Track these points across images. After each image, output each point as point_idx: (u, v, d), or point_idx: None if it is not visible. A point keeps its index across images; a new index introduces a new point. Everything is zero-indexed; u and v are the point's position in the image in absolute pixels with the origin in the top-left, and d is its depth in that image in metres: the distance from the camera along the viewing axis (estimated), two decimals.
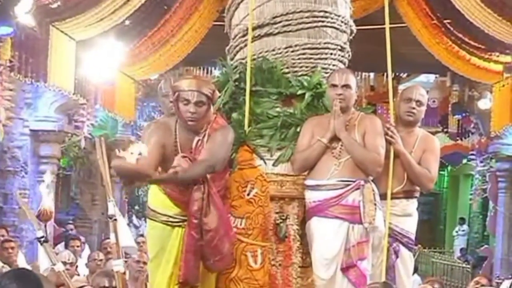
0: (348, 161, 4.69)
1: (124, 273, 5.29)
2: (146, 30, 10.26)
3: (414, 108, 5.00)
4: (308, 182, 4.83)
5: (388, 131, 4.87)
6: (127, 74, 11.49)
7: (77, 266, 8.00)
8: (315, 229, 4.75)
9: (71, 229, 10.42)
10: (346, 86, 4.80)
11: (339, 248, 4.64)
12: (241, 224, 4.67)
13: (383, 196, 4.79)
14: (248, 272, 4.66)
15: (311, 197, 4.78)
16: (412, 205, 5.04)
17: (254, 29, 5.41)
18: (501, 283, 9.70)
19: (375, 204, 4.61)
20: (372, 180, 4.77)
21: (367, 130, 4.74)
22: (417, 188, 5.05)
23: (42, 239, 3.96)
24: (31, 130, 9.44)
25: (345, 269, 4.62)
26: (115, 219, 4.06)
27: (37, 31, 7.98)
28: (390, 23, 5.24)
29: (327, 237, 4.70)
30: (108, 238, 8.35)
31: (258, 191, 4.74)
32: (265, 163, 5.03)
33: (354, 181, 4.64)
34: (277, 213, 5.05)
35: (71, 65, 9.06)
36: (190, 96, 4.40)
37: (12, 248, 7.37)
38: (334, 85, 4.81)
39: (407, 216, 5.01)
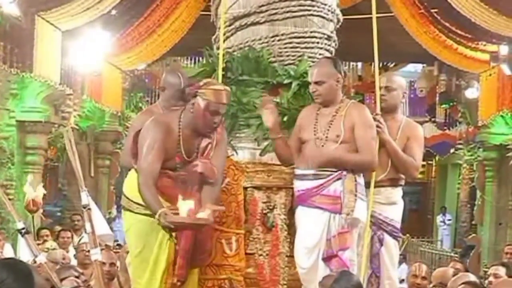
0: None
1: (104, 263, 5.27)
2: (132, 20, 10.23)
3: (383, 95, 4.95)
4: (295, 171, 4.82)
5: (375, 121, 4.84)
6: (114, 64, 11.45)
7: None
8: (299, 218, 4.74)
9: (78, 220, 10.28)
10: (318, 82, 4.69)
11: (319, 238, 4.61)
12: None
13: (367, 184, 4.78)
14: (223, 259, 4.68)
15: (297, 186, 4.75)
16: (396, 193, 5.02)
17: (240, 18, 5.40)
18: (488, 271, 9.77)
19: (355, 195, 4.57)
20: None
21: (356, 123, 4.64)
22: (402, 176, 5.03)
23: (23, 231, 3.89)
24: (17, 121, 9.37)
25: (326, 259, 4.60)
26: (89, 209, 4.04)
27: (22, 21, 7.93)
28: (378, 13, 5.20)
29: (308, 226, 4.68)
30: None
31: (230, 180, 4.73)
32: (236, 153, 5.02)
33: (336, 171, 4.61)
34: (264, 202, 5.06)
35: (57, 55, 9.02)
36: (222, 109, 4.34)
37: None
38: (310, 83, 4.79)
39: (391, 205, 4.98)
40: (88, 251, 7.32)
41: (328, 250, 4.58)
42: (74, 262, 7.57)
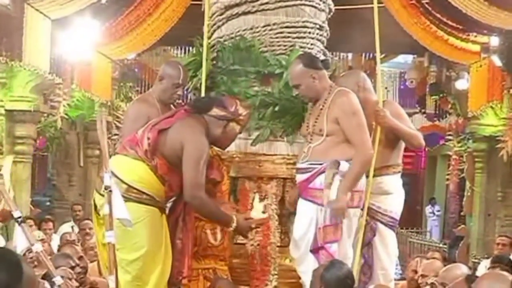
0: (318, 146, 4.65)
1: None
2: (122, 9, 10.16)
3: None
4: None
5: (377, 112, 4.86)
6: (103, 54, 11.38)
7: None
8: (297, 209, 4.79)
9: (79, 210, 10.14)
10: (295, 86, 4.81)
11: (305, 229, 4.65)
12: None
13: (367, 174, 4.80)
14: (208, 248, 4.74)
15: (296, 179, 4.82)
16: (389, 183, 5.01)
17: (231, 7, 5.36)
18: (478, 262, 9.80)
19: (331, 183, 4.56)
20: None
21: (338, 115, 4.60)
22: (393, 163, 5.03)
23: (20, 219, 3.87)
24: (6, 110, 9.29)
25: (314, 250, 4.63)
26: (110, 190, 3.99)
27: (11, 9, 7.86)
28: (368, 3, 5.20)
29: (298, 217, 4.76)
30: (87, 219, 8.31)
31: (216, 177, 4.75)
32: None
33: (321, 164, 4.61)
34: (255, 192, 5.04)
35: (46, 44, 8.95)
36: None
37: None
38: None
39: (383, 194, 4.98)
40: (73, 240, 7.32)
41: (314, 242, 4.61)
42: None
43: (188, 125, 4.38)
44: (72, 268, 4.96)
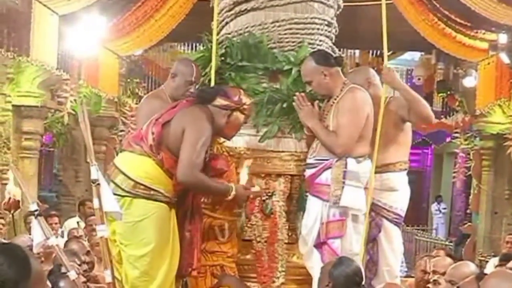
0: None
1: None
2: (129, 5, 10.16)
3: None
4: None
5: (385, 73, 4.90)
6: (110, 50, 11.39)
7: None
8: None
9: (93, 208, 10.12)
10: (307, 82, 4.86)
11: (311, 225, 4.67)
12: (208, 199, 4.68)
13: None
14: (215, 245, 4.74)
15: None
16: (395, 179, 4.99)
17: (240, 3, 5.35)
18: (484, 261, 9.78)
19: (343, 183, 4.54)
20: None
21: (339, 109, 4.66)
22: (399, 160, 5.01)
23: (36, 213, 3.87)
24: (13, 106, 9.30)
25: (318, 245, 4.65)
26: (98, 184, 3.98)
27: (19, 4, 7.86)
28: (376, 0, 5.18)
29: (306, 213, 4.78)
30: (93, 215, 8.32)
31: (223, 167, 4.74)
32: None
33: (327, 160, 4.61)
34: (262, 189, 5.03)
35: (54, 40, 8.95)
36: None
37: None
38: None
39: (388, 191, 4.97)
40: (80, 236, 7.31)
41: (318, 237, 4.62)
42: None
43: (190, 113, 4.36)
44: (79, 265, 4.96)
